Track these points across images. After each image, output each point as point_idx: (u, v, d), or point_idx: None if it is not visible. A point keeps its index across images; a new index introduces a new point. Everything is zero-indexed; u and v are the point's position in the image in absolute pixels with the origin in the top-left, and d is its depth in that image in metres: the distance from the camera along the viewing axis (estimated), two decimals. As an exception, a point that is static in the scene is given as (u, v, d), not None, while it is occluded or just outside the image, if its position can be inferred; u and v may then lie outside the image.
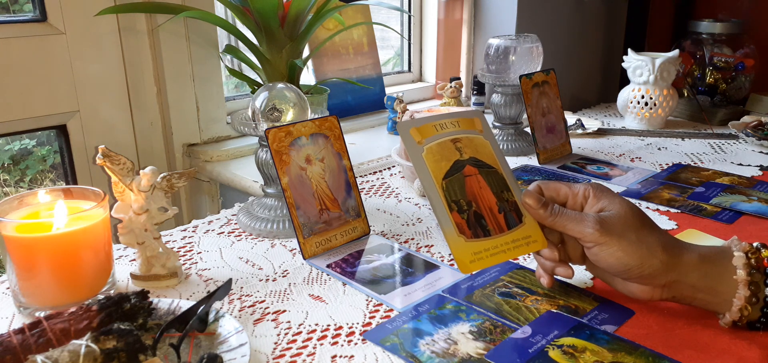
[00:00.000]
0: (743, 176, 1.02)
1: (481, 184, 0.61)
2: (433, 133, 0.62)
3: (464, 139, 0.63)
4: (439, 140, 0.61)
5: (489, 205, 0.60)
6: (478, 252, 0.58)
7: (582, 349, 0.54)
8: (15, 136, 1.06)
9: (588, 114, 1.54)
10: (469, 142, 0.63)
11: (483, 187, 0.61)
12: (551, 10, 1.55)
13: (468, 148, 0.62)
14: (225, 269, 0.71)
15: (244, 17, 0.90)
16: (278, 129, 0.72)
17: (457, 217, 0.58)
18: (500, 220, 0.60)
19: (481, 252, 0.58)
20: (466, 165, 0.61)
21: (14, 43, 0.91)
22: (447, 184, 0.59)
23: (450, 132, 0.62)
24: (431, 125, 0.62)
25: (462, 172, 0.61)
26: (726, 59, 1.47)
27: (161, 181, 0.65)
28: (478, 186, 0.61)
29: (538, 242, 0.60)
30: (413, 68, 1.63)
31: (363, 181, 1.02)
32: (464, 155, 0.62)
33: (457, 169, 0.61)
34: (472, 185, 0.61)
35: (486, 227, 0.59)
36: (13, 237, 0.58)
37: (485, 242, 0.58)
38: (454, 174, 0.60)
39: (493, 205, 0.60)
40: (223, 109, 1.16)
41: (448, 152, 0.61)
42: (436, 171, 0.60)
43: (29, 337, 0.49)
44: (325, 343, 0.56)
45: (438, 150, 0.61)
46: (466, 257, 0.57)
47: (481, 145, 0.63)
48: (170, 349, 0.52)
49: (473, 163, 0.62)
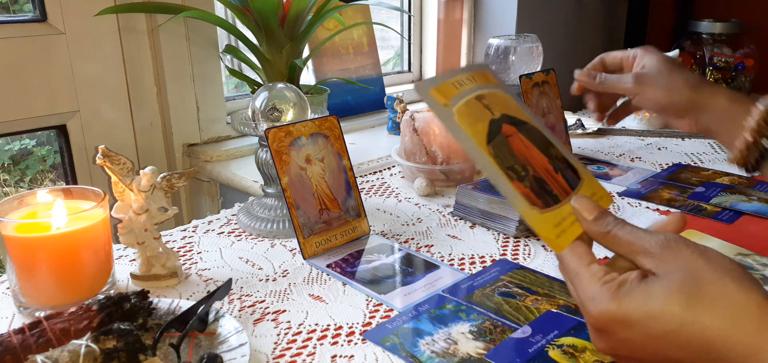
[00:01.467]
0: (743, 176, 1.02)
1: (526, 144, 0.50)
2: (455, 92, 0.50)
3: (488, 94, 0.52)
4: (466, 99, 0.50)
5: (543, 165, 0.50)
6: (558, 223, 0.47)
7: (582, 349, 0.54)
8: (15, 136, 1.06)
9: (588, 114, 1.54)
10: (493, 97, 0.52)
11: (529, 147, 0.50)
12: (551, 10, 1.55)
13: (496, 105, 0.51)
14: (225, 269, 0.71)
15: (244, 17, 0.90)
16: (278, 129, 0.72)
17: (520, 186, 0.47)
18: (561, 181, 0.49)
19: (562, 222, 0.47)
20: (502, 124, 0.50)
21: (14, 43, 0.91)
22: (494, 149, 0.48)
23: (471, 88, 0.51)
24: (449, 83, 0.50)
25: (501, 133, 0.50)
26: (726, 59, 1.47)
27: (161, 181, 0.65)
28: (524, 146, 0.50)
29: (604, 198, 0.50)
30: (413, 68, 1.63)
31: (363, 181, 1.02)
32: (495, 113, 0.50)
33: (496, 130, 0.50)
34: (519, 146, 0.50)
35: (552, 192, 0.48)
36: (13, 237, 0.58)
37: (560, 210, 0.47)
38: (495, 137, 0.49)
39: (547, 165, 0.50)
40: (223, 109, 1.16)
41: (478, 112, 0.50)
42: (477, 135, 0.48)
43: (29, 337, 0.49)
44: (325, 343, 0.56)
45: (468, 111, 0.49)
46: (552, 233, 0.46)
47: (505, 100, 0.52)
48: (170, 349, 0.52)
49: (508, 120, 0.51)
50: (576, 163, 0.51)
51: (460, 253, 0.74)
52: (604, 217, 0.46)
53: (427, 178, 0.94)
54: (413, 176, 0.96)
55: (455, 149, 0.95)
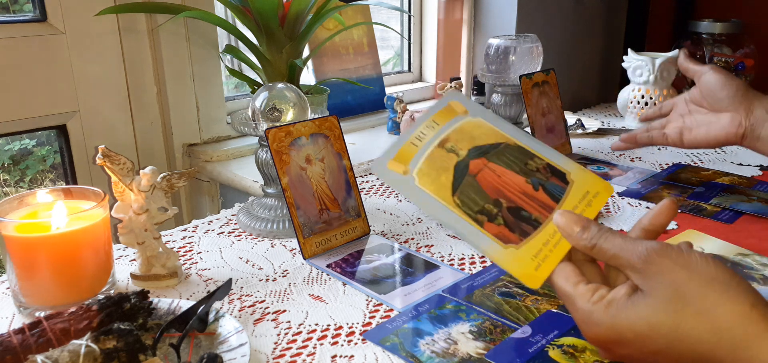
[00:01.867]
0: (743, 176, 1.02)
1: (497, 171, 0.49)
2: (414, 152, 0.50)
3: (452, 133, 0.51)
4: (426, 153, 0.50)
5: (519, 188, 0.48)
6: (538, 251, 0.45)
7: (582, 349, 0.54)
8: (15, 136, 1.06)
9: (588, 114, 1.54)
10: (459, 133, 0.51)
11: (502, 173, 0.49)
12: (551, 10, 1.55)
13: (462, 141, 0.50)
14: (225, 269, 0.71)
15: (244, 17, 0.90)
16: (278, 129, 0.72)
17: (492, 227, 0.46)
18: (542, 198, 0.48)
19: (542, 249, 0.46)
20: (470, 162, 0.49)
21: (14, 43, 0.91)
22: (459, 197, 0.48)
23: (432, 137, 0.51)
24: (407, 145, 0.50)
25: (468, 173, 0.49)
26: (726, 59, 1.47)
27: (161, 181, 0.65)
28: (495, 175, 0.49)
29: (601, 192, 0.48)
30: (413, 68, 1.63)
31: (363, 181, 1.02)
32: (461, 152, 0.50)
33: (462, 173, 0.49)
34: (488, 179, 0.48)
35: (531, 217, 0.47)
36: (13, 237, 0.58)
37: (542, 233, 0.46)
38: (461, 181, 0.49)
39: (524, 186, 0.48)
40: (223, 109, 1.16)
41: (442, 161, 0.49)
42: (440, 191, 0.48)
43: (29, 337, 0.49)
44: (325, 343, 0.56)
45: (429, 167, 0.49)
46: (529, 267, 0.45)
47: (474, 128, 0.51)
48: (170, 349, 0.52)
49: (475, 154, 0.50)
50: (564, 164, 0.50)
51: (460, 253, 0.74)
52: (588, 229, 0.45)
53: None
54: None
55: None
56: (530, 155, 0.50)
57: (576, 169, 0.49)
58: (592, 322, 0.43)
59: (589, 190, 0.48)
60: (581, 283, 0.44)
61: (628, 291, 0.42)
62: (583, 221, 0.46)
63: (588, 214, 0.47)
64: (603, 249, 0.44)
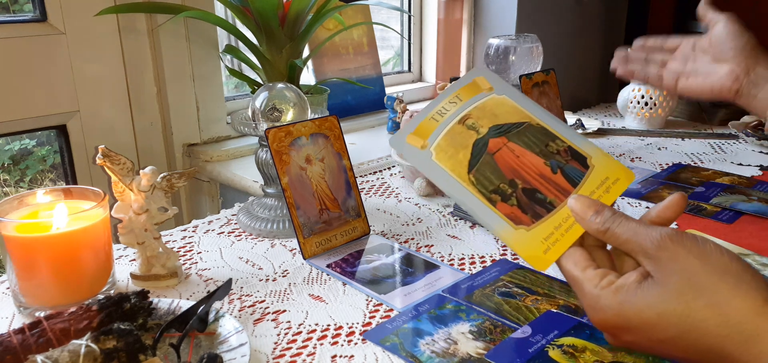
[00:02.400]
0: (743, 176, 1.02)
1: (516, 151, 0.48)
2: (434, 127, 0.50)
3: (473, 110, 0.50)
4: (446, 129, 0.49)
5: (537, 170, 0.47)
6: (549, 235, 0.45)
7: (582, 349, 0.54)
8: (15, 136, 1.06)
9: (588, 114, 1.54)
10: (481, 111, 0.50)
11: (520, 154, 0.48)
12: (551, 10, 1.55)
13: (483, 119, 0.50)
14: (225, 269, 0.71)
15: (244, 17, 0.90)
16: (278, 129, 0.72)
17: (504, 207, 0.46)
18: (559, 181, 0.47)
19: (553, 232, 0.45)
20: (489, 140, 0.49)
21: (14, 43, 0.91)
22: (475, 175, 0.47)
23: (453, 113, 0.50)
24: (428, 119, 0.50)
25: (487, 151, 0.48)
26: (726, 59, 1.47)
27: (161, 181, 0.65)
28: (514, 156, 0.48)
29: (621, 179, 0.47)
30: (413, 68, 1.63)
31: (363, 181, 1.02)
32: (482, 130, 0.49)
33: (480, 151, 0.48)
34: (506, 158, 0.48)
35: (546, 200, 0.46)
36: (13, 237, 0.58)
37: (553, 218, 0.45)
38: (478, 159, 0.48)
39: (542, 168, 0.47)
40: (223, 109, 1.16)
41: (461, 137, 0.49)
42: (457, 167, 0.47)
43: (29, 337, 0.49)
44: (325, 343, 0.56)
45: (447, 142, 0.49)
46: (538, 249, 0.44)
47: (497, 106, 0.50)
48: (170, 349, 0.52)
49: (496, 132, 0.49)
50: (586, 147, 0.49)
51: (460, 253, 0.74)
52: (601, 212, 0.44)
53: (427, 178, 0.94)
54: (413, 176, 0.96)
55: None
56: (552, 136, 0.49)
57: (598, 154, 0.48)
58: (599, 307, 0.42)
59: (609, 176, 0.47)
60: (590, 267, 0.44)
61: (638, 278, 0.42)
62: (596, 205, 0.45)
63: (605, 201, 0.46)
64: (616, 233, 0.43)
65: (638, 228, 0.43)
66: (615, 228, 0.43)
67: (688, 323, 0.39)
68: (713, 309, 0.38)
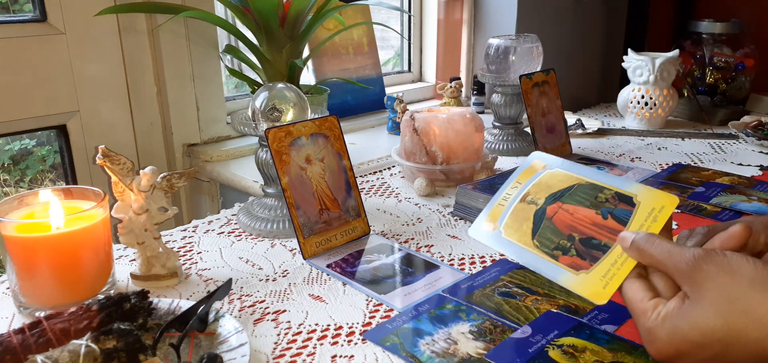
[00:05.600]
0: (743, 176, 1.02)
1: (570, 210, 0.54)
2: (501, 211, 0.58)
3: (531, 188, 0.58)
4: (510, 210, 0.57)
5: (590, 220, 0.53)
6: (606, 272, 0.49)
7: (582, 349, 0.54)
8: (15, 136, 1.06)
9: (588, 114, 1.54)
10: (537, 186, 0.58)
11: (574, 211, 0.54)
12: (551, 10, 1.55)
13: (540, 192, 0.57)
14: (225, 269, 0.71)
15: (244, 17, 0.90)
16: (278, 129, 0.72)
17: (566, 259, 0.51)
18: (611, 225, 0.52)
19: (610, 269, 0.49)
20: (546, 208, 0.56)
21: (14, 43, 0.91)
22: (538, 239, 0.54)
23: (515, 196, 0.58)
24: (496, 206, 0.58)
25: (545, 217, 0.55)
26: (726, 59, 1.47)
27: (161, 181, 0.65)
28: (568, 214, 0.54)
29: (666, 206, 0.51)
30: (413, 68, 1.63)
31: (363, 181, 1.02)
32: (539, 202, 0.56)
33: (540, 219, 0.55)
34: (562, 218, 0.54)
35: (601, 244, 0.51)
36: (13, 237, 0.58)
37: (609, 257, 0.50)
38: (539, 225, 0.55)
39: (595, 218, 0.53)
40: (223, 109, 1.16)
41: (523, 213, 0.56)
42: (523, 237, 0.54)
43: (29, 337, 0.49)
44: (325, 343, 0.56)
45: (513, 219, 0.56)
46: (598, 286, 0.49)
47: (551, 178, 0.58)
48: (170, 349, 0.52)
49: (551, 200, 0.56)
50: (630, 188, 0.54)
51: (460, 253, 0.74)
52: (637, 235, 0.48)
53: (427, 178, 0.94)
54: (413, 176, 0.96)
55: (455, 149, 0.95)
56: (600, 188, 0.55)
57: (642, 191, 0.53)
58: (651, 340, 0.44)
59: (655, 206, 0.51)
60: (645, 299, 0.46)
61: (678, 302, 0.44)
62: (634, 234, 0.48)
63: (653, 229, 0.49)
64: (650, 254, 0.46)
65: (673, 249, 0.45)
66: (649, 248, 0.46)
67: (730, 336, 0.41)
68: (748, 316, 0.40)
